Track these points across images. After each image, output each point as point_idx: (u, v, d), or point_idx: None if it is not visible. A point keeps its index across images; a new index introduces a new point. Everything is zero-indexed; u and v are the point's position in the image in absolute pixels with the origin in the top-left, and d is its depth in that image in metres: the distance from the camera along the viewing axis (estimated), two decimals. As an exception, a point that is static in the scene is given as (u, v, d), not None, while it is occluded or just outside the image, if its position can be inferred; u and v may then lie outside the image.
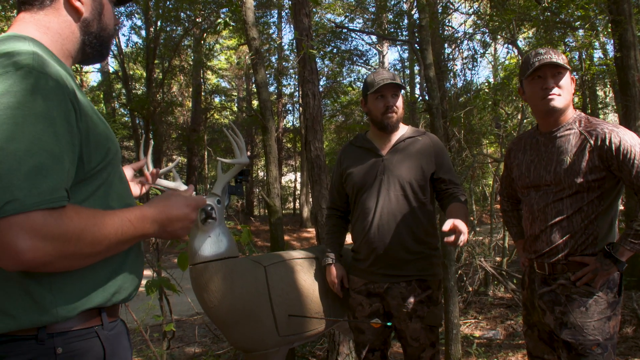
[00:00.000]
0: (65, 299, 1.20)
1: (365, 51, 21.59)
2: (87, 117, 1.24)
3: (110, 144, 1.33)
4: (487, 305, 6.34)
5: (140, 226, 1.28)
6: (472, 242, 7.39)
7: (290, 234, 18.64)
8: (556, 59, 2.23)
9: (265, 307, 2.64)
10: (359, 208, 2.77)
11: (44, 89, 1.12)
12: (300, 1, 4.55)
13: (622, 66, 6.34)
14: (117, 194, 1.37)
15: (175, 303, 4.49)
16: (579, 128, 2.26)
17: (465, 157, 8.01)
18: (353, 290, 2.81)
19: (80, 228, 1.12)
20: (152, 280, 3.53)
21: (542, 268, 2.36)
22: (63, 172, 1.11)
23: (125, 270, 1.36)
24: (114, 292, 1.31)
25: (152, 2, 16.57)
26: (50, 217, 1.06)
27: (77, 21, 1.37)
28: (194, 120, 20.50)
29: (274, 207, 5.17)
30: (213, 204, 2.52)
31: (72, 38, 1.37)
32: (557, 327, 2.29)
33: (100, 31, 1.42)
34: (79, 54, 1.42)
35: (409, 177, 2.67)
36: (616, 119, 12.78)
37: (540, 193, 2.35)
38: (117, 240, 1.21)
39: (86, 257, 1.17)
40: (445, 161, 2.78)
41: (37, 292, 1.16)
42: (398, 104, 2.73)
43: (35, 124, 1.08)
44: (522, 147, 2.51)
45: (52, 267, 1.13)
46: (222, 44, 22.71)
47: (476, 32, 10.48)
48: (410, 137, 2.79)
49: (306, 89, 4.50)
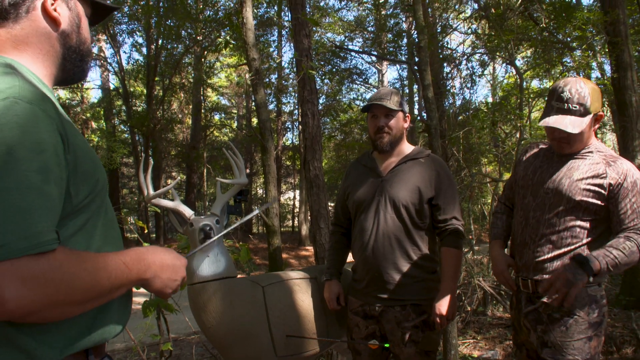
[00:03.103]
0: (49, 346, 1.11)
1: (365, 70, 21.70)
2: (76, 147, 1.14)
3: (99, 174, 1.25)
4: (485, 325, 6.31)
5: (135, 269, 1.22)
6: (471, 261, 7.38)
7: (288, 252, 18.59)
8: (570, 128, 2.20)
9: (263, 328, 2.64)
10: (357, 227, 2.75)
11: (32, 121, 1.04)
12: (300, 22, 4.61)
13: (619, 87, 6.40)
14: (105, 227, 1.29)
15: (173, 322, 4.47)
16: (600, 155, 2.28)
17: (464, 177, 8.02)
18: (350, 311, 2.79)
19: (70, 273, 1.04)
20: (150, 300, 3.52)
21: (526, 287, 2.38)
22: (53, 211, 1.04)
23: (112, 309, 1.27)
24: (100, 333, 1.23)
25: (154, 20, 16.71)
26: (38, 263, 0.98)
27: (56, 33, 1.28)
28: (193, 137, 20.56)
29: (273, 227, 5.17)
30: (212, 224, 2.52)
31: (52, 52, 1.28)
32: (538, 346, 2.31)
33: (79, 44, 1.34)
34: (60, 71, 1.33)
35: (406, 200, 2.60)
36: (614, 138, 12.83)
37: (537, 201, 2.36)
38: (110, 285, 1.14)
39: (77, 304, 1.08)
40: (445, 187, 2.66)
41: (17, 338, 1.07)
42: (392, 123, 2.68)
43: (23, 162, 1.00)
44: (537, 153, 2.52)
45: (41, 317, 1.04)
46: (223, 61, 22.85)
47: (475, 52, 10.57)
48: (412, 158, 2.72)
49: (305, 109, 4.54)
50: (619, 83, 6.38)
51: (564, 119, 2.21)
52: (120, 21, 17.88)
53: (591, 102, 2.22)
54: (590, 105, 2.22)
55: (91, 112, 20.99)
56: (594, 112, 2.24)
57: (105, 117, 20.44)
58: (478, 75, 10.80)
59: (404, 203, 2.61)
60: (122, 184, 24.10)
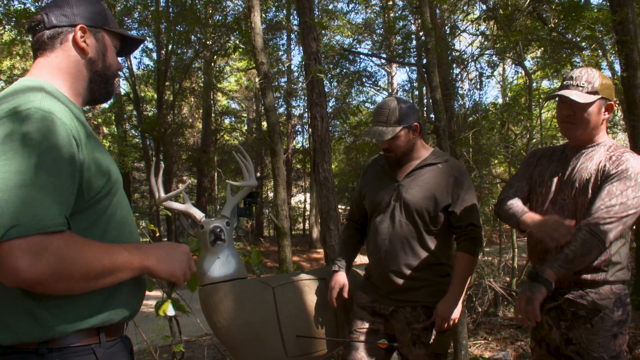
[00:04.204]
0: (61, 318, 1.32)
1: (374, 72, 21.69)
2: (89, 149, 1.37)
3: (111, 173, 1.45)
4: (496, 326, 6.30)
5: (137, 254, 1.39)
6: (482, 262, 7.37)
7: (299, 255, 18.61)
8: (575, 97, 2.22)
9: (273, 328, 2.66)
10: (372, 228, 2.75)
11: (49, 126, 1.26)
12: (308, 26, 4.65)
13: (629, 86, 6.38)
14: (119, 224, 1.49)
15: (185, 324, 4.51)
16: (607, 151, 2.28)
17: (474, 178, 8.02)
18: (357, 305, 2.79)
19: (75, 251, 1.24)
20: (162, 301, 3.55)
21: None
22: (63, 200, 1.24)
23: (122, 295, 1.46)
24: (108, 315, 1.42)
25: (164, 25, 16.83)
26: (47, 240, 1.19)
27: (84, 60, 1.55)
28: (204, 141, 20.64)
29: (283, 229, 5.21)
30: (222, 226, 2.56)
31: (80, 76, 1.55)
32: (562, 342, 2.30)
33: (104, 69, 1.60)
34: (87, 92, 1.59)
35: (421, 207, 2.59)
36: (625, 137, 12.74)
37: (556, 208, 2.36)
38: (112, 265, 1.31)
39: (81, 280, 1.27)
40: (462, 194, 2.62)
41: (35, 310, 1.29)
42: (397, 144, 2.63)
43: (39, 157, 1.22)
44: (550, 157, 2.51)
45: (49, 288, 1.23)
46: (232, 65, 22.93)
47: (483, 53, 10.56)
48: (430, 163, 2.68)
49: (314, 112, 4.57)
50: (629, 82, 6.36)
51: (571, 92, 2.25)
52: (130, 27, 18.00)
53: (600, 84, 2.25)
54: (598, 85, 2.24)
55: (103, 118, 21.16)
56: (603, 95, 2.25)
57: (117, 122, 20.58)
58: (487, 77, 10.79)
59: (418, 209, 2.59)
60: (133, 188, 24.23)
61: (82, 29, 1.53)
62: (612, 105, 2.31)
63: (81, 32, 1.53)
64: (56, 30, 1.52)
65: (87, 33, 1.55)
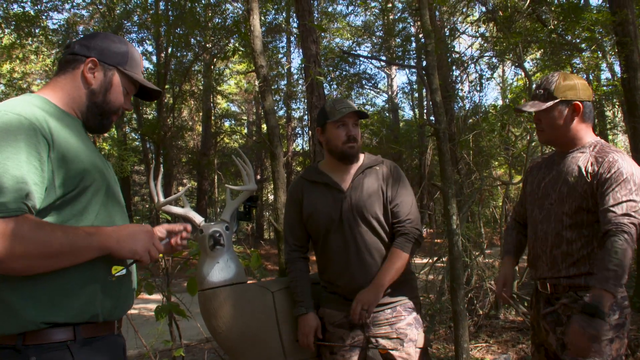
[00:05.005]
0: (34, 307, 1.41)
1: (374, 75, 21.72)
2: (63, 149, 1.49)
3: (86, 174, 1.54)
4: (498, 328, 6.28)
5: (95, 235, 1.48)
6: (482, 265, 7.35)
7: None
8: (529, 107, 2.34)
9: (273, 332, 2.65)
10: (329, 247, 2.66)
11: (15, 125, 1.40)
12: (307, 29, 4.64)
13: (629, 87, 6.37)
14: (101, 224, 1.57)
15: (185, 328, 4.49)
16: (591, 152, 2.27)
17: (475, 180, 8.01)
18: (332, 325, 2.69)
19: (32, 231, 1.35)
20: (162, 306, 3.55)
21: (544, 288, 2.37)
22: (23, 190, 1.36)
23: (100, 294, 1.54)
24: (83, 311, 1.50)
25: (163, 28, 16.84)
26: (6, 223, 1.32)
27: (86, 89, 1.70)
28: (204, 144, 20.66)
29: (282, 232, 5.19)
30: (221, 231, 2.54)
31: (78, 100, 1.70)
32: (558, 347, 2.28)
33: (103, 103, 1.73)
34: (84, 119, 1.72)
35: (373, 211, 2.59)
36: (626, 139, 12.73)
37: (544, 213, 2.37)
38: (69, 245, 1.41)
39: (38, 258, 1.37)
40: (399, 189, 2.65)
41: (10, 298, 1.39)
42: (359, 133, 2.67)
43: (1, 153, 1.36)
44: (540, 165, 2.53)
45: (9, 267, 1.34)
46: (232, 68, 22.95)
47: (483, 55, 10.56)
48: (368, 167, 2.68)
49: (314, 115, 4.56)
50: (629, 83, 6.35)
51: (527, 104, 2.36)
52: (130, 30, 18.03)
53: (556, 87, 2.28)
54: (554, 89, 2.28)
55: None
56: (564, 97, 2.28)
57: (116, 126, 20.56)
58: (487, 78, 10.78)
59: (373, 215, 2.59)
60: (133, 192, 24.22)
61: (93, 62, 1.68)
62: (577, 105, 2.29)
63: (91, 64, 1.68)
64: (74, 57, 1.69)
65: (97, 66, 1.69)
